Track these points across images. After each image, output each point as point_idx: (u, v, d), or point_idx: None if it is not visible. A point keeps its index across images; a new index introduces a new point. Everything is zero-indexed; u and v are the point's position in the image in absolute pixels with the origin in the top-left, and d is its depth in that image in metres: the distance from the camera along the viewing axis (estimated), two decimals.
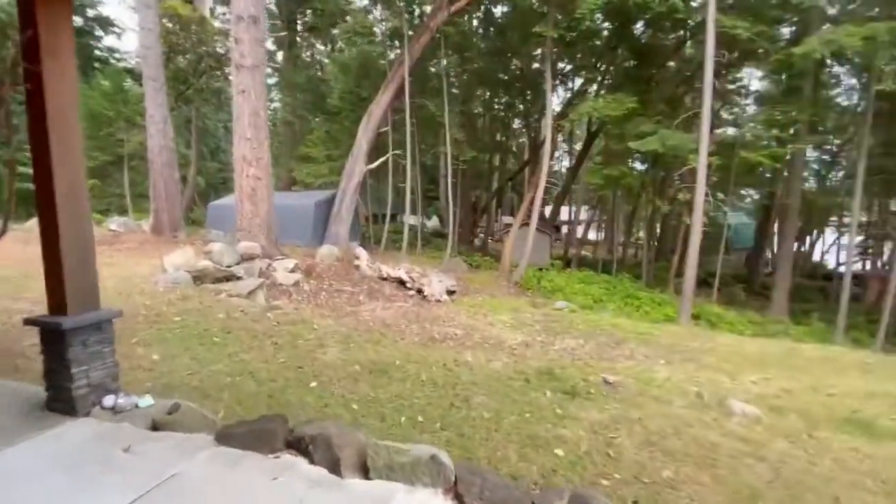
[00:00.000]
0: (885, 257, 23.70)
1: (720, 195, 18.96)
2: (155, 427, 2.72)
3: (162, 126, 11.92)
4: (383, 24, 16.76)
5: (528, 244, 14.10)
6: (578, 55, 18.32)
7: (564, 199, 24.25)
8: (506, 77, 20.39)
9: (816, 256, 28.02)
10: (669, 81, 17.84)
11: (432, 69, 19.46)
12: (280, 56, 22.14)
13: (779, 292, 15.72)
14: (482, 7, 18.08)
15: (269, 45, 21.71)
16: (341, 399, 3.53)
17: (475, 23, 19.28)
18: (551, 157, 17.22)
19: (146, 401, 2.96)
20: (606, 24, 16.50)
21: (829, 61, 14.53)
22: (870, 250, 23.84)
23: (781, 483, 2.86)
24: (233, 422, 2.82)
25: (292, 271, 8.68)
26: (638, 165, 20.37)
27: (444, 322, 7.38)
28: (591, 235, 28.91)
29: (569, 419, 3.44)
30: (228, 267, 7.47)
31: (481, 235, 24.49)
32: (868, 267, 23.63)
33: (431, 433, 3.11)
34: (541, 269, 15.56)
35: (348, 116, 17.58)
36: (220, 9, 20.96)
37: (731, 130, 18.37)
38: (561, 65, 18.92)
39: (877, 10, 12.91)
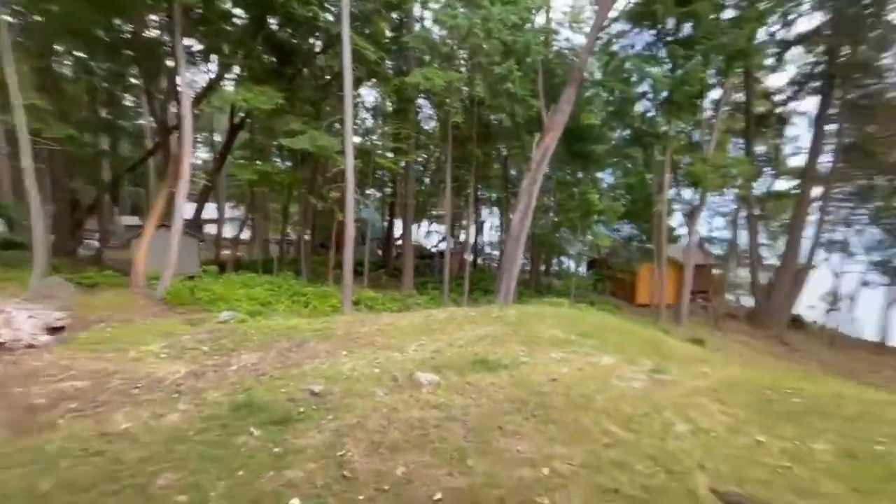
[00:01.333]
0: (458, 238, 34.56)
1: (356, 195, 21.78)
2: None
3: None
4: None
5: (171, 250, 11.58)
6: (211, 35, 16.31)
7: (209, 195, 21.48)
8: (108, 39, 15.72)
9: (419, 240, 37.24)
10: (309, 86, 18.72)
11: None
12: None
13: (406, 272, 19.72)
14: None
15: None
16: None
17: None
18: (193, 146, 14.66)
19: None
20: (240, 12, 15.50)
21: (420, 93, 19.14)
22: (452, 234, 33.82)
23: (473, 434, 3.50)
24: None
25: None
26: (278, 161, 20.56)
27: (50, 377, 5.04)
28: (242, 235, 27.13)
29: (291, 455, 2.98)
30: None
31: (92, 243, 18.28)
32: (451, 245, 33.48)
33: None
34: (192, 278, 13.19)
35: None
36: None
37: (357, 139, 21.30)
38: (189, 41, 16.27)
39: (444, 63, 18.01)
